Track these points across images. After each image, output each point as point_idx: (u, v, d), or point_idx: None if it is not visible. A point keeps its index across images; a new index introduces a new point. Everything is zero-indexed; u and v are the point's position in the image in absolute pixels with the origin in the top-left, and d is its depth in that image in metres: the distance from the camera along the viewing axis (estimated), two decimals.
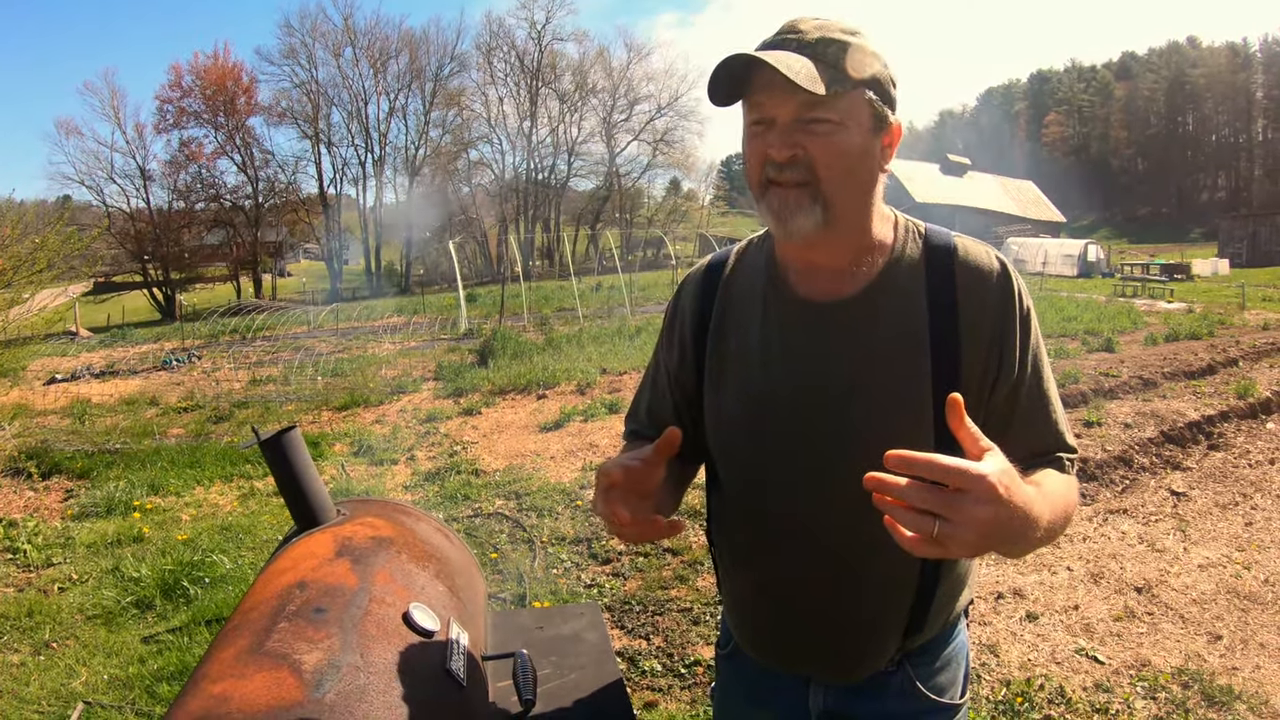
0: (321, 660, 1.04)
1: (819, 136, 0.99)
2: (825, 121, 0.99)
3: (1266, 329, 12.62)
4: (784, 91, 0.97)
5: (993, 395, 1.09)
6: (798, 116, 0.99)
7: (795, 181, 1.01)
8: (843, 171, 1.01)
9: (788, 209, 1.02)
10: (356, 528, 1.43)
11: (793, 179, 1.01)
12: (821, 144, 0.99)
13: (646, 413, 1.34)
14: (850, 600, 1.15)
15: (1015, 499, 0.78)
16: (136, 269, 43.48)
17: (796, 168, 1.00)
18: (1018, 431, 1.10)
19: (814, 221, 1.02)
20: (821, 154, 0.99)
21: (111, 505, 5.64)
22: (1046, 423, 1.13)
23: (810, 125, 0.99)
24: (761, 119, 1.02)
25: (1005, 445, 1.00)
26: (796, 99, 0.98)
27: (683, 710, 3.03)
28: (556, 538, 4.75)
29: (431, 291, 35.61)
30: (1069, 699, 3.05)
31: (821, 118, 0.99)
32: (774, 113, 1.00)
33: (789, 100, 0.98)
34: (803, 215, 1.01)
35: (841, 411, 1.08)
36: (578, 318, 17.41)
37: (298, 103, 47.99)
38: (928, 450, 0.92)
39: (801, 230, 1.03)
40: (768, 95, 1.00)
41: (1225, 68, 74.39)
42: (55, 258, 8.67)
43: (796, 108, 0.99)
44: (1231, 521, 4.89)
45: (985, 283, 1.08)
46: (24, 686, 3.29)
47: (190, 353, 16.93)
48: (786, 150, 1.00)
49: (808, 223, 1.02)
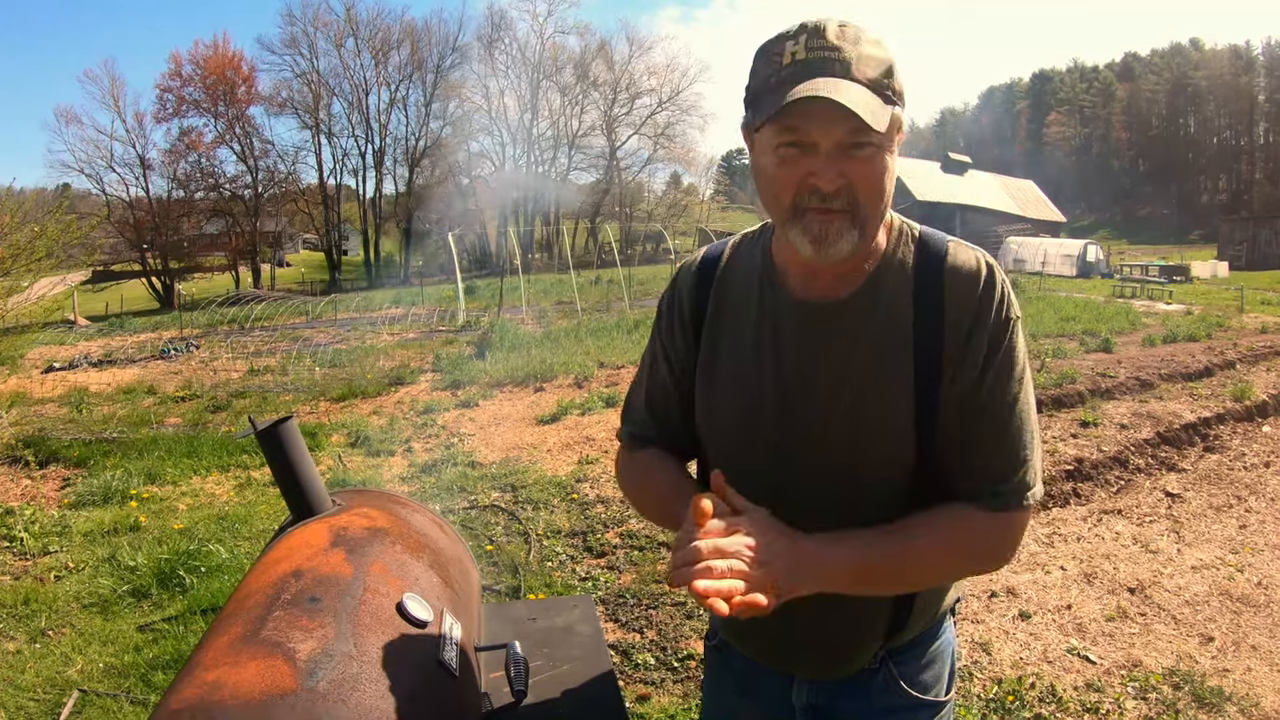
0: (315, 649, 1.04)
1: (861, 162, 0.96)
2: (869, 145, 0.96)
3: (1265, 332, 12.63)
4: (833, 119, 0.93)
5: (950, 394, 1.06)
6: (842, 143, 0.96)
7: (839, 210, 0.98)
8: (878, 194, 1.00)
9: (830, 235, 0.99)
10: (352, 518, 1.44)
11: (838, 207, 0.98)
12: (864, 170, 0.97)
13: (646, 408, 1.31)
14: (834, 597, 1.15)
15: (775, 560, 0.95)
16: (135, 258, 43.44)
17: (841, 198, 0.98)
18: (957, 442, 1.06)
19: (852, 245, 1.00)
20: (863, 180, 0.97)
21: (108, 494, 5.65)
22: (991, 445, 1.06)
23: (853, 150, 0.96)
24: (798, 143, 0.97)
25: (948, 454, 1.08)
26: (845, 126, 0.94)
27: (675, 703, 3.05)
28: (552, 531, 4.76)
29: (430, 283, 35.57)
30: (1060, 698, 3.07)
31: (865, 142, 0.96)
32: (817, 139, 0.96)
33: (836, 127, 0.94)
34: (844, 240, 0.99)
35: (829, 411, 1.09)
36: (576, 311, 17.41)
37: (298, 93, 47.99)
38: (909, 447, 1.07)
39: (840, 254, 1.00)
40: (813, 122, 0.95)
41: (1227, 70, 74.33)
42: (54, 246, 8.66)
43: (844, 135, 0.95)
44: (1225, 524, 4.90)
45: (970, 286, 1.07)
46: (19, 674, 3.30)
47: (188, 342, 16.93)
48: (836, 180, 0.96)
49: (846, 247, 1.00)
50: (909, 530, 1.05)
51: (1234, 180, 75.78)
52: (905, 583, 1.10)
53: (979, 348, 1.05)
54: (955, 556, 1.08)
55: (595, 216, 51.19)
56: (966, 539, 1.07)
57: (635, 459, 1.31)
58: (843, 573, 1.01)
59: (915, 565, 1.06)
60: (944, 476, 1.08)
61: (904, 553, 1.05)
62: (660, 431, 1.29)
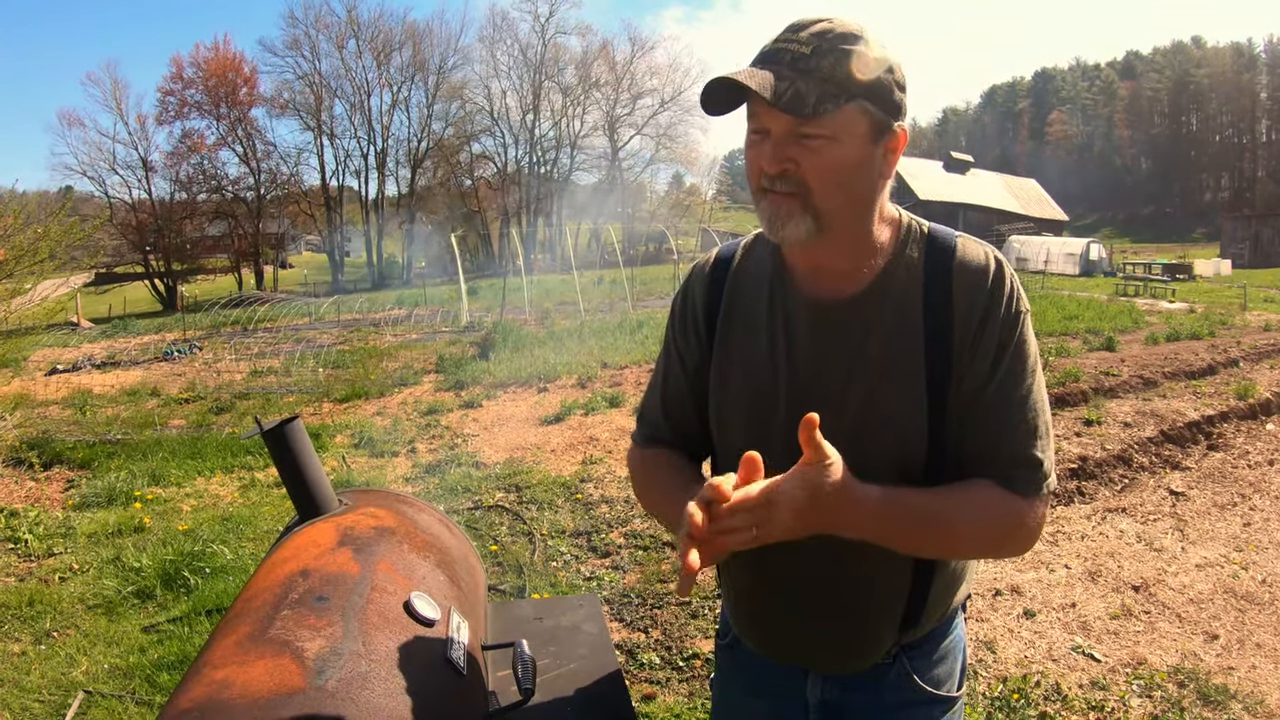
0: (324, 648, 1.05)
1: (811, 151, 1.00)
2: (817, 137, 1.00)
3: (1268, 330, 12.61)
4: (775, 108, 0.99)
5: (961, 389, 1.08)
6: (789, 131, 1.00)
7: (786, 192, 1.03)
8: (835, 185, 1.02)
9: (779, 218, 1.04)
10: (358, 517, 1.44)
11: (783, 190, 1.03)
12: (813, 158, 1.00)
13: (662, 410, 1.31)
14: (847, 593, 1.16)
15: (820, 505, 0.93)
16: (138, 260, 43.50)
17: (787, 181, 1.02)
18: (972, 433, 1.08)
19: (804, 230, 1.04)
20: (813, 168, 1.01)
21: (112, 495, 5.65)
22: (1007, 433, 1.07)
23: (802, 140, 1.00)
24: (759, 129, 1.04)
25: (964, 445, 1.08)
26: (786, 117, 0.99)
27: (680, 702, 3.05)
28: (556, 530, 4.76)
29: (433, 284, 35.59)
30: (1065, 696, 3.06)
31: (813, 133, 0.99)
32: (769, 125, 1.02)
33: (782, 115, 0.99)
34: (793, 224, 1.04)
35: (841, 408, 1.10)
36: (579, 311, 17.40)
37: (300, 94, 48.05)
38: (921, 445, 1.08)
39: (791, 238, 1.05)
40: (763, 107, 1.01)
41: (1230, 68, 74.19)
42: (57, 248, 8.67)
43: (789, 122, 1.00)
44: (1230, 522, 4.89)
45: (978, 281, 1.08)
46: (25, 675, 3.31)
47: (191, 344, 16.95)
48: (777, 165, 1.02)
49: (798, 231, 1.04)
50: (941, 492, 1.06)
51: (1236, 178, 75.61)
52: (928, 539, 1.06)
53: (990, 342, 1.07)
54: (982, 525, 1.06)
55: (598, 217, 51.23)
56: (994, 510, 1.06)
57: (646, 455, 1.31)
58: (869, 508, 0.98)
59: (946, 526, 1.04)
60: (957, 470, 1.08)
61: (931, 504, 1.04)
62: (675, 433, 1.30)
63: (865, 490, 0.97)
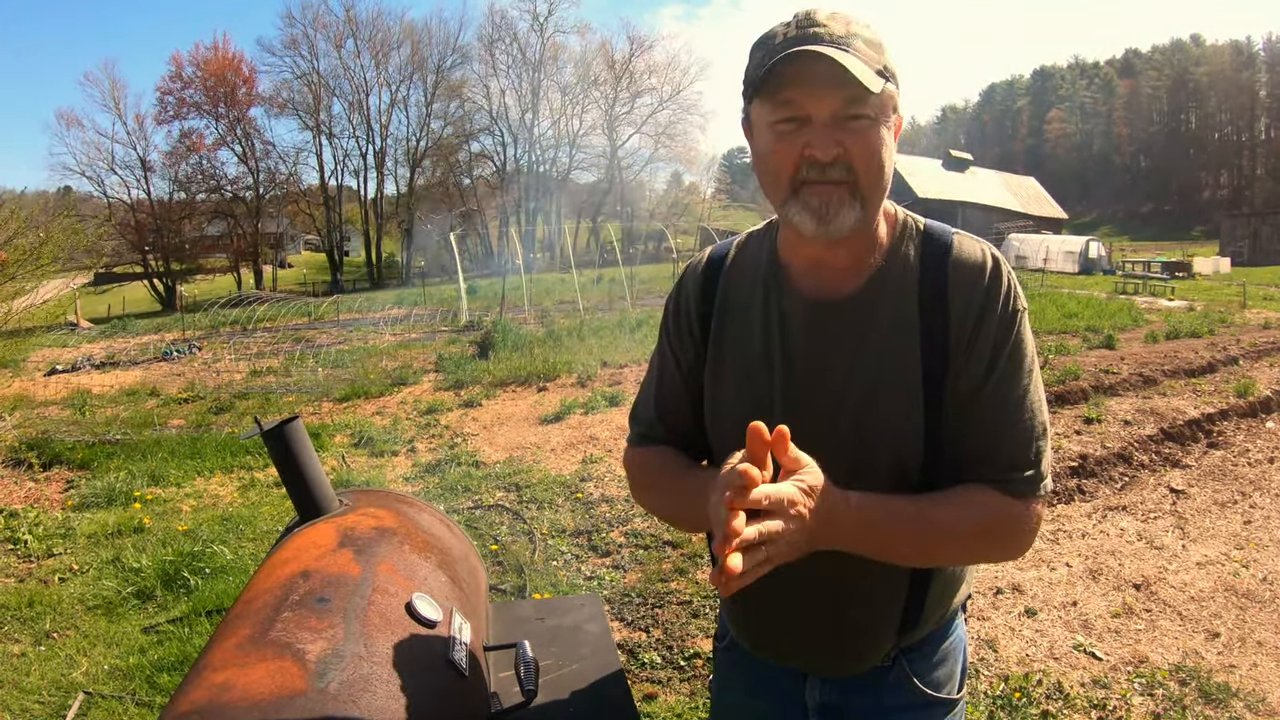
0: (325, 650, 1.04)
1: (857, 133, 0.97)
2: (864, 118, 0.97)
3: (1267, 328, 12.61)
4: (826, 88, 0.95)
5: (957, 389, 1.06)
6: (837, 113, 0.96)
7: (837, 180, 0.99)
8: (877, 168, 1.00)
9: (831, 208, 0.99)
10: (359, 518, 1.43)
11: (835, 178, 0.98)
12: (861, 141, 0.98)
13: (655, 409, 1.29)
14: (846, 596, 1.15)
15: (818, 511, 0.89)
16: (137, 260, 43.50)
17: (838, 167, 0.98)
18: (968, 433, 1.06)
19: (854, 219, 1.00)
20: (860, 151, 0.98)
21: (112, 496, 5.64)
22: (1003, 434, 1.05)
23: (848, 122, 0.97)
24: (794, 117, 0.98)
25: (960, 445, 1.06)
26: (840, 96, 0.95)
27: (682, 702, 3.04)
28: (556, 530, 4.76)
29: (432, 283, 35.58)
30: (1067, 695, 3.06)
31: (861, 114, 0.97)
32: (811, 110, 0.97)
33: (830, 97, 0.95)
34: (844, 213, 0.99)
35: (838, 407, 1.09)
36: (578, 310, 17.39)
37: (299, 94, 48.03)
38: (917, 445, 1.06)
39: (843, 228, 1.00)
40: (805, 92, 0.96)
41: (1229, 66, 74.24)
42: (59, 251, 8.67)
43: (838, 104, 0.96)
44: (1230, 520, 4.89)
45: (974, 279, 1.06)
46: (24, 676, 3.30)
47: (191, 344, 16.94)
48: (832, 149, 0.96)
49: (849, 220, 1.00)
50: (930, 497, 1.04)
51: (1235, 176, 75.68)
52: (919, 547, 1.04)
53: (986, 341, 1.05)
54: (973, 530, 1.04)
55: (597, 215, 51.20)
56: (986, 515, 1.04)
57: (643, 455, 1.29)
58: (857, 516, 0.96)
59: (932, 531, 1.02)
60: (954, 471, 1.07)
61: (923, 513, 1.01)
62: (670, 433, 1.28)
63: (843, 495, 0.94)
